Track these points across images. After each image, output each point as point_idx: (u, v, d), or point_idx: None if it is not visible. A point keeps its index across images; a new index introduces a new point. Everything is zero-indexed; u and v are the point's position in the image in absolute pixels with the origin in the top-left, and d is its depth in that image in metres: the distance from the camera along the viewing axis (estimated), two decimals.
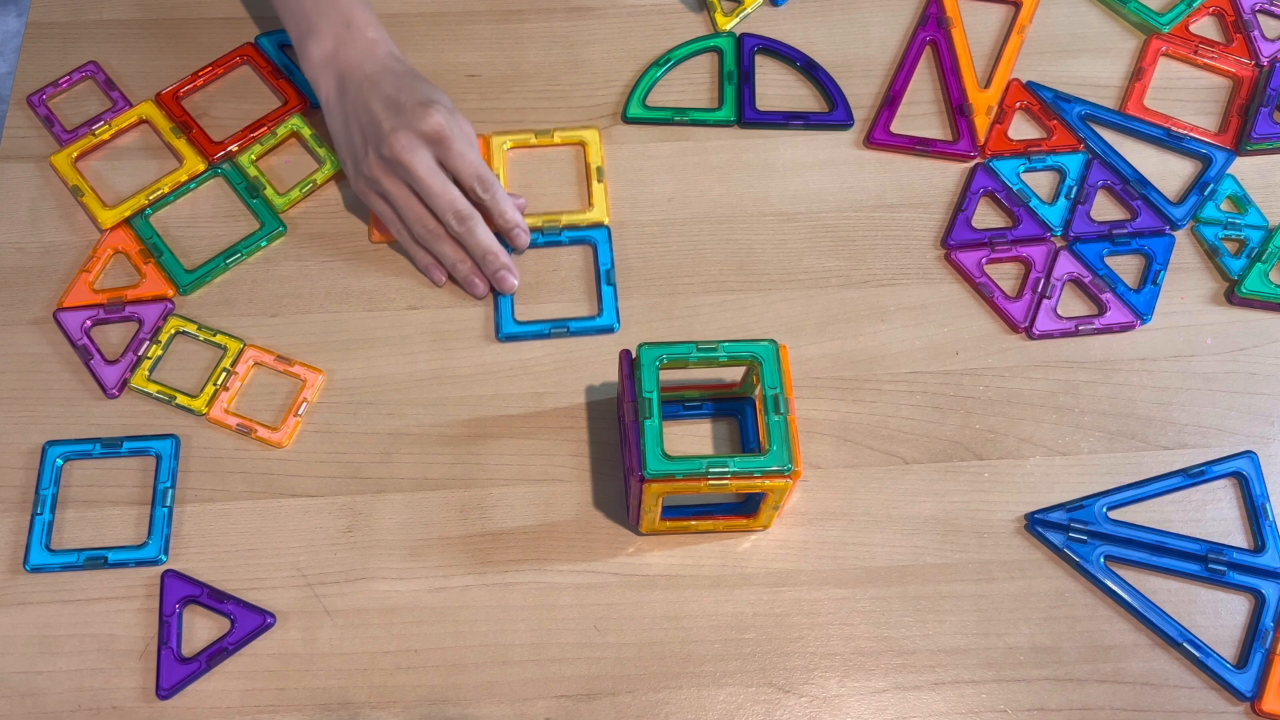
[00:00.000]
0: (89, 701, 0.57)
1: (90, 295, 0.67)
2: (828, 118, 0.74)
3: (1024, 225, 0.70)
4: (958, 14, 0.77)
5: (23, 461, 0.63)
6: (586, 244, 0.70)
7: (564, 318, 0.67)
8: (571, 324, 0.67)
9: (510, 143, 0.72)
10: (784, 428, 0.54)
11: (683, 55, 0.76)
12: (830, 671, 0.58)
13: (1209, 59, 0.76)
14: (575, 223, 0.70)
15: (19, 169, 0.72)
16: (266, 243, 0.69)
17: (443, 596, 0.60)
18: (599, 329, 0.67)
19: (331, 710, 0.57)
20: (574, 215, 0.70)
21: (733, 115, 0.74)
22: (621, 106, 0.74)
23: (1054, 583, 0.61)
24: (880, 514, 0.62)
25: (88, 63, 0.74)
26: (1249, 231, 0.70)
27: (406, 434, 0.64)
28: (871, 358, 0.66)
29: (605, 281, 0.68)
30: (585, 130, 0.73)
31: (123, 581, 0.60)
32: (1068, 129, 0.73)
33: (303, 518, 0.62)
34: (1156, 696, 0.58)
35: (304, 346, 0.66)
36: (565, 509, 0.62)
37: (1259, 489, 0.62)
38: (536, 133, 0.72)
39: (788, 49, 0.76)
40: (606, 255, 0.69)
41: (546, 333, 0.66)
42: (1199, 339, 0.67)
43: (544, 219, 0.69)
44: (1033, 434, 0.64)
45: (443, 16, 0.77)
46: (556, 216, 0.70)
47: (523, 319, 0.67)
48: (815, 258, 0.69)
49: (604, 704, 0.58)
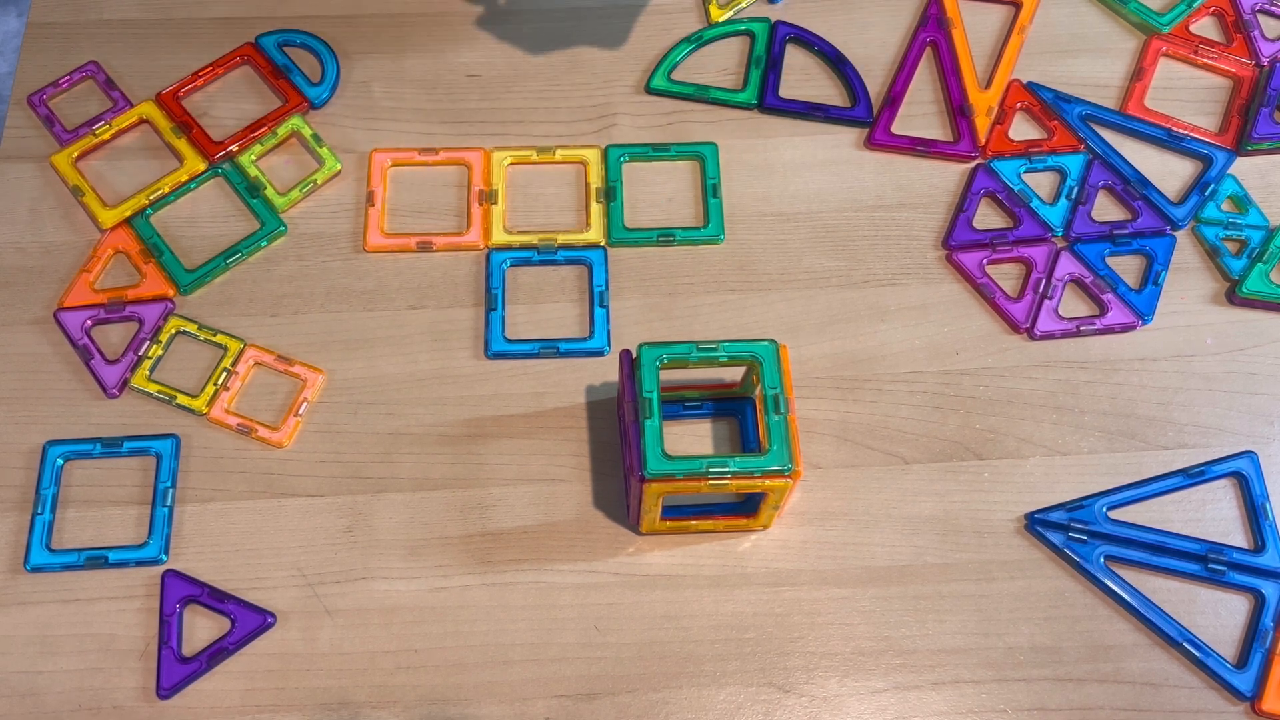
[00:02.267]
0: (89, 701, 0.57)
1: (91, 295, 0.67)
2: (848, 113, 0.74)
3: (1025, 226, 0.70)
4: (958, 14, 0.77)
5: (23, 461, 0.63)
6: (582, 264, 0.69)
7: (554, 338, 0.67)
8: (561, 345, 0.66)
9: (511, 159, 0.72)
10: (784, 428, 0.54)
11: (715, 35, 0.76)
12: (830, 671, 0.58)
13: (1209, 59, 0.76)
14: (571, 243, 0.69)
15: (19, 169, 0.72)
16: (266, 243, 0.69)
17: (443, 596, 0.60)
18: (589, 351, 0.66)
19: (331, 710, 0.57)
20: (570, 235, 0.69)
21: (754, 99, 0.74)
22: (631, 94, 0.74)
23: (1054, 583, 0.61)
24: (880, 514, 0.62)
25: (88, 63, 0.75)
26: (1250, 232, 0.70)
27: (406, 434, 0.64)
28: (871, 358, 0.66)
29: (598, 303, 0.67)
30: (587, 150, 0.72)
31: (123, 581, 0.60)
32: (1068, 129, 0.73)
33: (303, 518, 0.62)
34: (1156, 696, 0.58)
35: (304, 346, 0.66)
36: (565, 509, 0.62)
37: (1259, 489, 0.62)
38: (538, 150, 0.72)
39: (820, 41, 0.76)
40: (601, 277, 0.68)
41: (536, 352, 0.66)
42: (1199, 339, 0.67)
43: (540, 237, 0.69)
44: (1033, 434, 0.64)
45: (443, 16, 0.77)
46: (553, 235, 0.69)
47: (513, 337, 0.66)
48: (815, 258, 0.69)
49: (604, 704, 0.58)
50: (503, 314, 0.67)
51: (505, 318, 0.67)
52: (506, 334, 0.66)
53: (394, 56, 0.76)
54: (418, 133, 0.73)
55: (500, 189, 0.71)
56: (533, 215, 0.71)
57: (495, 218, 0.70)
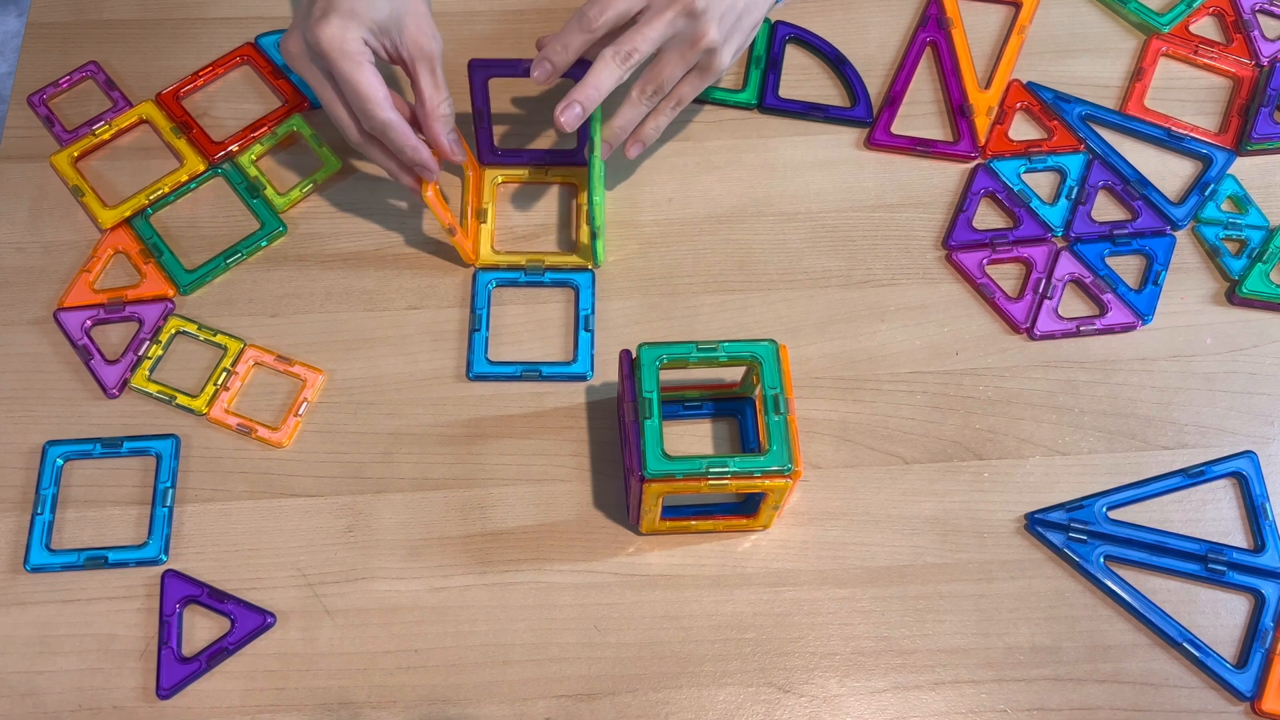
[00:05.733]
0: (89, 701, 0.57)
1: (90, 295, 0.67)
2: (848, 113, 0.74)
3: (1025, 226, 0.70)
4: (958, 14, 0.77)
5: (23, 461, 0.63)
6: (569, 286, 0.68)
7: (537, 361, 0.66)
8: (544, 368, 0.65)
9: (502, 177, 0.71)
10: (784, 428, 0.54)
11: None
12: (830, 671, 0.59)
13: (1209, 59, 0.76)
14: (560, 265, 0.68)
15: (19, 169, 0.72)
16: (266, 243, 0.69)
17: (443, 596, 0.60)
18: (572, 376, 0.65)
19: (331, 710, 0.57)
20: (558, 257, 0.68)
21: (754, 99, 0.74)
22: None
23: (1054, 583, 0.61)
24: (880, 514, 0.62)
25: (88, 63, 0.75)
26: (1249, 232, 0.70)
27: (406, 434, 0.64)
28: (871, 358, 0.66)
29: (583, 327, 0.66)
30: (579, 170, 0.71)
31: (123, 581, 0.60)
32: (1068, 129, 0.73)
33: (303, 518, 0.62)
34: (1156, 696, 0.58)
35: (304, 346, 0.66)
36: (565, 509, 0.62)
37: (1259, 489, 0.62)
38: (530, 169, 0.72)
39: (820, 41, 0.76)
40: (588, 301, 0.67)
41: (518, 375, 0.65)
42: (1199, 339, 0.67)
43: (528, 258, 0.68)
44: (1033, 434, 0.64)
45: (443, 16, 0.77)
46: (540, 257, 0.69)
47: (496, 359, 0.66)
48: (815, 258, 0.69)
49: (604, 704, 0.58)
50: (486, 335, 0.66)
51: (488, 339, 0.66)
52: (489, 356, 0.66)
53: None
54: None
55: (490, 207, 0.71)
56: (523, 235, 0.70)
57: (484, 237, 0.69)
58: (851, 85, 0.75)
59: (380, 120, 0.60)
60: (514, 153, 0.71)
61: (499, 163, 0.71)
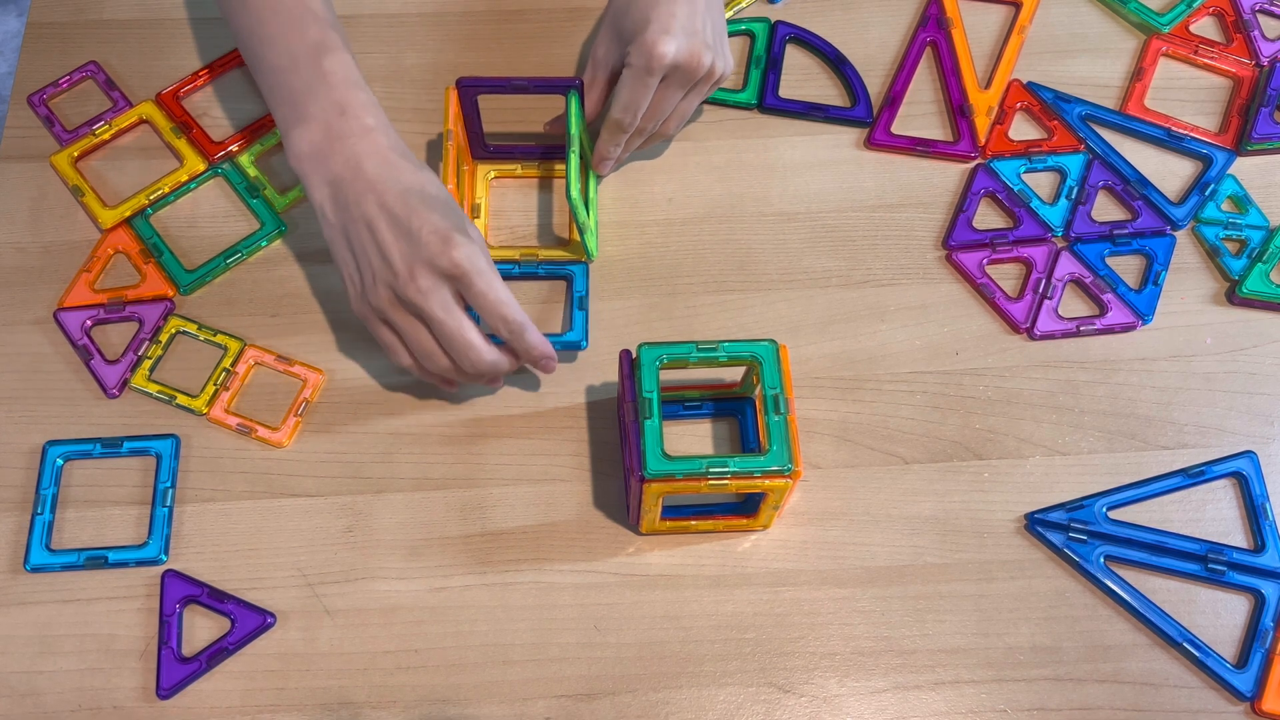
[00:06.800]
0: (89, 701, 0.57)
1: (90, 295, 0.67)
2: (848, 113, 0.74)
3: (1025, 226, 0.70)
4: (958, 14, 0.77)
5: (23, 461, 0.63)
6: (563, 278, 0.68)
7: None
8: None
9: (495, 172, 0.72)
10: (784, 428, 0.54)
11: None
12: (830, 671, 0.58)
13: (1209, 59, 0.76)
14: (554, 258, 0.68)
15: (19, 169, 0.72)
16: (266, 243, 0.69)
17: (443, 596, 0.60)
18: (566, 345, 0.65)
19: (331, 710, 0.57)
20: (552, 251, 0.68)
21: (754, 99, 0.74)
22: None
23: (1054, 582, 0.61)
24: (880, 514, 0.62)
25: (88, 63, 0.75)
26: (1250, 232, 0.70)
27: (406, 434, 0.64)
28: (871, 358, 0.66)
29: (578, 307, 0.66)
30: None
31: (123, 581, 0.60)
32: (1068, 129, 0.73)
33: (303, 518, 0.62)
34: (1156, 696, 0.58)
35: (304, 346, 0.66)
36: (565, 509, 0.62)
37: (1259, 489, 0.62)
38: (523, 164, 0.72)
39: (820, 41, 0.76)
40: (582, 284, 0.67)
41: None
42: (1199, 339, 0.67)
43: (522, 253, 0.68)
44: (1033, 434, 0.64)
45: (443, 16, 0.77)
46: (534, 251, 0.68)
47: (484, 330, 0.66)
48: (815, 258, 0.69)
49: (604, 704, 0.58)
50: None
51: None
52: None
53: (394, 56, 0.76)
54: (418, 133, 0.73)
55: (483, 203, 0.71)
56: (516, 230, 0.70)
57: None
58: (851, 85, 0.75)
59: (517, 322, 0.58)
60: (507, 149, 0.71)
61: (492, 158, 0.71)
